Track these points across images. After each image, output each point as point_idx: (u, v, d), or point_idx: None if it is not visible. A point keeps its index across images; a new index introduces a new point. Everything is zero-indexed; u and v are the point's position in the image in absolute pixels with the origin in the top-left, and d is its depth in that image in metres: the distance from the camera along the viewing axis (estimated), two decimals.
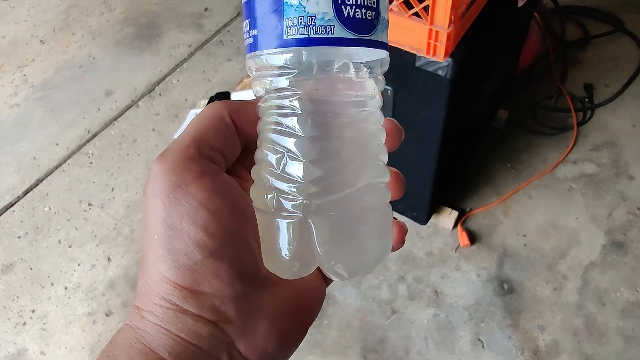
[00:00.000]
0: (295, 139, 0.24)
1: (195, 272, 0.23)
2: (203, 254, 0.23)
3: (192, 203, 0.23)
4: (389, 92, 0.98)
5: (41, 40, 1.93)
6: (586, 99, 1.56)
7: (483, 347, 1.15)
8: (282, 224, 0.24)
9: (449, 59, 0.85)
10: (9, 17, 2.03)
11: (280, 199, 0.24)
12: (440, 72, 0.87)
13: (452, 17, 0.77)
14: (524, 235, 1.30)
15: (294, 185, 0.24)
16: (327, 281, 0.29)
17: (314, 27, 0.22)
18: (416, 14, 0.80)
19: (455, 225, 1.31)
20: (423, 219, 1.30)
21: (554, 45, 1.63)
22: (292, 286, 0.26)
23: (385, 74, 0.27)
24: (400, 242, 0.28)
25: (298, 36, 0.22)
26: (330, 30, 0.22)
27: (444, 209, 1.31)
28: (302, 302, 0.26)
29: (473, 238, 1.30)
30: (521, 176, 1.41)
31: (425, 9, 0.78)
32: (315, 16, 0.22)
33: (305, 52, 0.23)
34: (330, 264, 0.24)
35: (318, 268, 0.27)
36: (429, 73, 0.88)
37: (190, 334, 0.23)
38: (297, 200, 0.24)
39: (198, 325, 0.23)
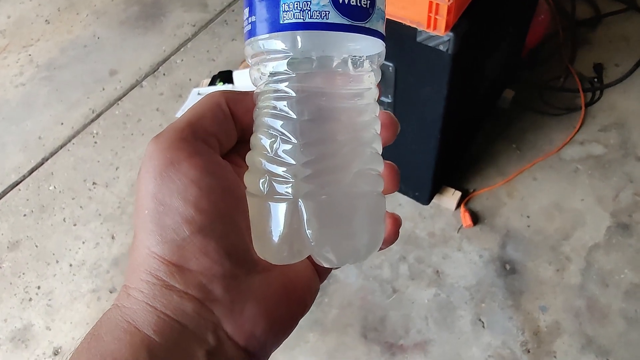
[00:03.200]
0: (288, 122, 0.24)
1: (182, 248, 0.23)
2: (191, 230, 0.23)
3: (183, 180, 0.23)
4: (390, 68, 0.97)
5: (46, 20, 1.93)
6: (595, 79, 1.52)
7: (483, 327, 1.15)
8: (273, 206, 0.24)
9: (450, 34, 0.83)
10: None
11: (273, 182, 0.24)
12: (441, 47, 0.86)
13: None
14: (528, 217, 1.29)
15: (286, 167, 0.24)
16: (321, 276, 0.28)
17: (309, 12, 0.23)
18: None
19: (458, 205, 1.30)
20: (425, 199, 1.29)
21: (563, 24, 1.59)
22: (284, 274, 0.26)
23: (387, 50, 0.27)
24: (394, 234, 0.27)
25: (293, 20, 0.23)
26: (325, 15, 0.23)
27: (447, 190, 1.30)
28: (294, 291, 0.26)
29: (476, 219, 1.29)
30: (526, 157, 1.39)
31: None
32: (310, 2, 0.23)
33: (300, 36, 0.23)
34: (319, 248, 0.24)
35: (312, 262, 0.27)
36: (430, 48, 0.87)
37: (176, 311, 0.23)
38: (289, 183, 0.24)
39: (183, 303, 0.23)
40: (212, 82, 1.44)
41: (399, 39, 0.89)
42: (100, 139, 1.57)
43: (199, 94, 1.39)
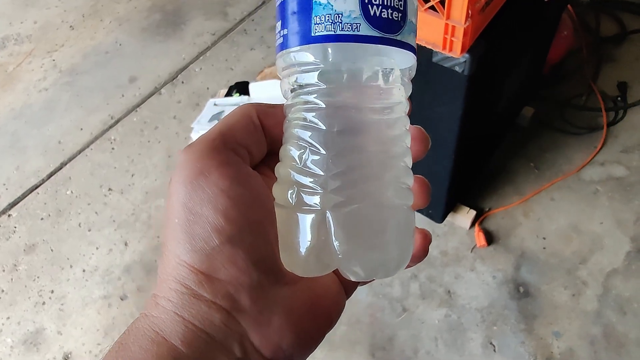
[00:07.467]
0: (317, 133, 0.24)
1: (211, 257, 0.23)
2: (220, 240, 0.23)
3: (213, 190, 0.23)
4: None
5: (71, 26, 1.97)
6: (619, 98, 1.49)
7: (494, 350, 1.12)
8: (301, 217, 0.24)
9: (466, 55, 0.82)
10: (41, 3, 2.08)
11: (301, 193, 0.24)
12: (457, 68, 0.84)
13: (470, 11, 0.74)
14: (544, 238, 1.26)
15: (315, 178, 0.24)
16: (348, 292, 0.28)
17: (340, 25, 0.23)
18: (432, 8, 0.77)
19: (473, 224, 1.28)
20: (439, 217, 1.27)
21: (587, 41, 1.56)
22: (310, 288, 0.26)
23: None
24: (424, 250, 0.27)
25: (325, 33, 0.23)
26: (357, 27, 0.23)
27: (461, 208, 1.28)
28: (320, 306, 0.26)
29: (490, 239, 1.27)
30: (544, 176, 1.36)
31: (442, 2, 0.75)
32: (342, 14, 0.23)
33: (330, 48, 0.23)
34: (347, 261, 0.24)
35: (339, 277, 0.27)
36: (446, 69, 0.85)
37: (204, 321, 0.23)
38: (317, 194, 0.24)
39: (211, 313, 0.23)
40: (229, 93, 1.45)
41: None
42: (118, 145, 1.59)
43: (215, 104, 1.40)
